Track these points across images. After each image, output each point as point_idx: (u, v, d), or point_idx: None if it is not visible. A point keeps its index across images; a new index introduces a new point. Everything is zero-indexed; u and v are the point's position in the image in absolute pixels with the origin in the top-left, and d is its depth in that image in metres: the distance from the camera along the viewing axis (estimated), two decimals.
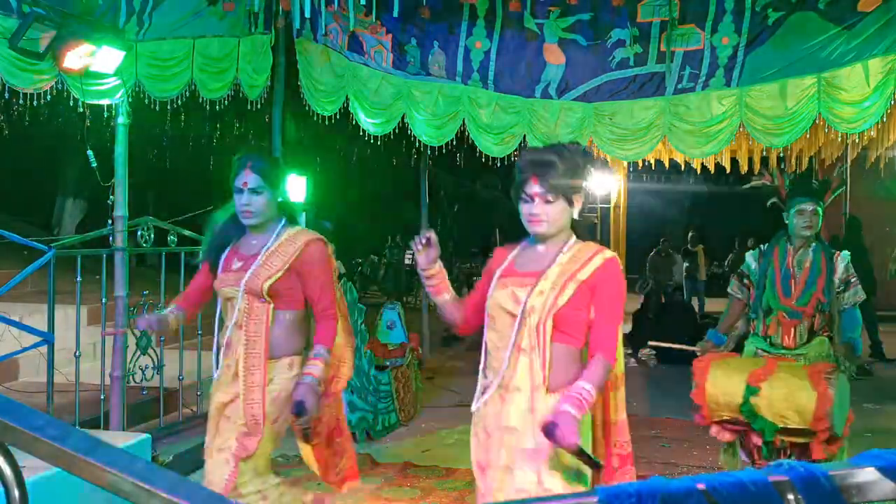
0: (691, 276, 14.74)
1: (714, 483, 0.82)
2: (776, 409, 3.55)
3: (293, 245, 3.06)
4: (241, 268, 3.07)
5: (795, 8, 5.58)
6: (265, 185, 3.04)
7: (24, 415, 0.95)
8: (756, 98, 5.72)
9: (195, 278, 3.37)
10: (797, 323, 3.95)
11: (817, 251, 4.02)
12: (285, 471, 5.20)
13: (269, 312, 3.02)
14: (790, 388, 3.55)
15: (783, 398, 3.55)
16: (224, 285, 3.11)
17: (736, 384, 3.64)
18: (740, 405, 3.62)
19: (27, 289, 7.40)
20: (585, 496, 0.85)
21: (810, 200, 3.99)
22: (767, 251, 4.11)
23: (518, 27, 6.13)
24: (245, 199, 3.04)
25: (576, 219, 2.58)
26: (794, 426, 3.56)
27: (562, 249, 2.52)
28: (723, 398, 3.68)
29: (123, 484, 0.89)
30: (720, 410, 3.71)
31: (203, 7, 5.45)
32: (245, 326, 3.02)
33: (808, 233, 4.00)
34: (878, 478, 0.82)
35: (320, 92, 6.40)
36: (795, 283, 3.98)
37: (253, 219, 3.05)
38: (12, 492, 0.97)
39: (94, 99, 4.77)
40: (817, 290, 3.94)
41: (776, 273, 4.01)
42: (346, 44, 6.36)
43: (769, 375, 3.59)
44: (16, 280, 4.47)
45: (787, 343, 3.96)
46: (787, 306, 3.96)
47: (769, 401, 3.56)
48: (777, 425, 3.58)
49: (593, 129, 6.08)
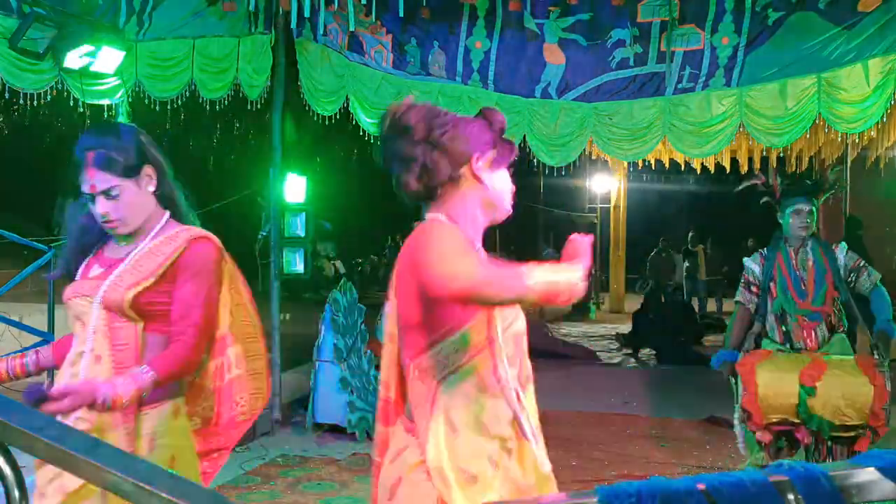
0: (691, 276, 14.74)
1: (714, 483, 0.82)
2: (833, 406, 3.52)
3: (172, 244, 2.20)
4: (100, 274, 2.22)
5: (795, 8, 5.58)
6: (121, 178, 2.17)
7: (24, 415, 0.95)
8: (756, 98, 5.72)
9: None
10: (817, 324, 3.89)
11: (815, 248, 3.99)
12: (284, 471, 5.21)
13: (137, 336, 2.15)
14: (846, 385, 3.52)
15: (840, 395, 3.52)
16: (74, 295, 2.22)
17: (789, 385, 3.59)
18: (796, 406, 3.58)
19: (27, 289, 7.41)
20: (585, 496, 0.85)
21: (805, 200, 3.96)
22: (769, 255, 4.05)
23: (518, 27, 6.13)
24: (100, 207, 2.19)
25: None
26: (852, 423, 3.54)
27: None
28: (777, 401, 3.62)
29: (123, 484, 0.89)
30: (772, 413, 3.65)
31: (203, 7, 5.46)
32: (105, 356, 2.14)
33: (804, 233, 3.97)
34: (878, 478, 0.82)
35: (320, 92, 6.40)
36: (806, 285, 3.92)
37: (122, 228, 2.19)
38: (12, 492, 0.97)
39: (94, 99, 4.78)
40: (829, 287, 3.89)
41: (786, 278, 3.95)
42: (346, 44, 6.36)
43: (822, 373, 3.55)
44: (16, 280, 4.48)
45: (810, 345, 3.88)
46: (805, 309, 3.89)
47: (825, 399, 3.52)
48: (835, 423, 3.55)
49: (593, 129, 6.08)
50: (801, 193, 4.00)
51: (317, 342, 6.22)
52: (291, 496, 4.70)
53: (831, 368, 3.60)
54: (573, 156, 6.18)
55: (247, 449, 5.71)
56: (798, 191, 4.02)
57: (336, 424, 6.04)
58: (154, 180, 2.24)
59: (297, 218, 6.46)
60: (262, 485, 4.91)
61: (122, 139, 2.23)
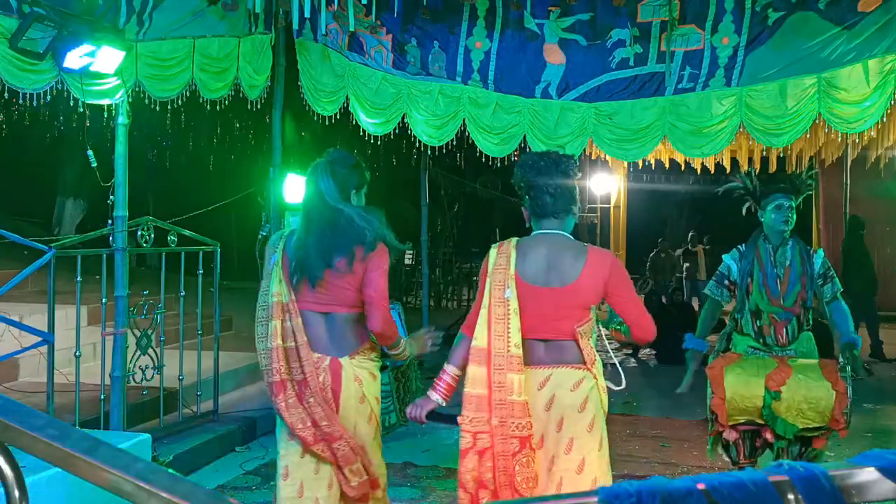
0: (691, 276, 14.73)
1: (714, 483, 0.82)
2: (796, 410, 3.66)
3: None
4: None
5: (795, 8, 5.58)
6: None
7: (24, 415, 0.95)
8: (756, 98, 5.71)
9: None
10: (787, 322, 4.01)
11: (795, 249, 4.06)
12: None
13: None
14: (809, 390, 3.67)
15: (803, 399, 3.66)
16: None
17: (754, 389, 3.73)
18: (761, 409, 3.72)
19: (27, 289, 7.41)
20: (585, 496, 0.85)
21: (785, 197, 4.02)
22: (747, 252, 4.12)
23: (518, 27, 6.13)
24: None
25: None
26: (814, 425, 3.69)
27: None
28: (743, 404, 3.77)
29: (123, 484, 0.89)
30: (738, 416, 3.81)
31: (203, 7, 5.45)
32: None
33: (785, 228, 4.01)
34: (878, 478, 0.82)
35: (320, 92, 6.40)
36: (781, 284, 4.00)
37: None
38: (12, 492, 0.97)
39: (94, 99, 4.77)
40: (801, 289, 3.99)
41: (762, 275, 4.03)
42: (346, 44, 6.36)
43: (787, 378, 3.69)
44: (16, 280, 4.47)
45: (780, 342, 4.01)
46: (777, 307, 3.99)
47: (789, 403, 3.67)
48: (798, 426, 3.69)
49: (593, 129, 6.08)
50: (782, 190, 4.06)
51: None
52: None
53: (796, 373, 3.73)
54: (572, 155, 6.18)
55: (247, 449, 5.71)
56: (779, 187, 4.08)
57: None
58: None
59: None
60: (262, 485, 4.91)
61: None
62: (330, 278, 2.97)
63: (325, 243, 2.97)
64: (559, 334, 2.78)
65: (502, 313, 2.77)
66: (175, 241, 5.67)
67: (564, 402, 2.73)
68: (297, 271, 2.99)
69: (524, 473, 2.70)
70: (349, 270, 2.96)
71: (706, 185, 17.87)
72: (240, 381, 7.15)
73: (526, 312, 2.77)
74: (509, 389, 2.71)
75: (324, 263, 2.96)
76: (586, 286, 2.77)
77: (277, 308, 2.98)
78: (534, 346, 2.79)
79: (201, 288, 5.92)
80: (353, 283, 2.97)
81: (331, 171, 3.06)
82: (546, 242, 2.86)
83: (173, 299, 6.00)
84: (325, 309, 3.01)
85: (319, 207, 3.03)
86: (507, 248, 2.88)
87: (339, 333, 3.02)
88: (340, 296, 2.99)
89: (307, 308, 3.01)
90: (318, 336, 3.00)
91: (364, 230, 2.96)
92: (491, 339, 2.77)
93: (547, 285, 2.79)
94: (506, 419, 2.69)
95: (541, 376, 2.77)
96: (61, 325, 5.65)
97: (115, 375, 5.03)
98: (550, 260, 2.82)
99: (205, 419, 5.90)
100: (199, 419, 5.87)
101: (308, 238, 3.01)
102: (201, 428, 5.75)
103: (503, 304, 2.78)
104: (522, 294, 2.78)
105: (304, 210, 3.12)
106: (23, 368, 6.33)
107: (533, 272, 2.81)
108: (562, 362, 2.78)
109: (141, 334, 5.37)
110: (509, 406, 2.70)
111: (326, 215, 3.01)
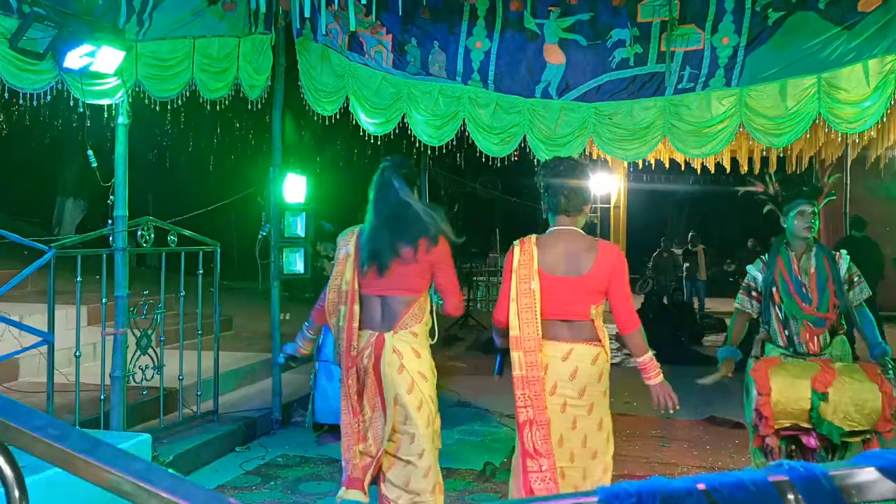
0: (691, 276, 14.74)
1: (714, 483, 0.82)
2: (843, 412, 3.59)
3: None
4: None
5: (795, 8, 5.57)
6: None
7: (24, 415, 0.95)
8: (756, 98, 5.71)
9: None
10: (822, 330, 3.94)
11: (819, 255, 4.01)
12: (284, 471, 5.20)
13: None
14: (856, 392, 3.60)
15: (850, 402, 3.59)
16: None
17: (801, 391, 3.64)
18: (808, 411, 3.64)
19: (27, 289, 7.41)
20: (585, 496, 0.85)
21: (808, 202, 4.00)
22: (770, 261, 4.08)
23: (518, 27, 6.13)
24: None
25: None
26: (860, 428, 3.61)
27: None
28: (789, 406, 3.67)
29: (123, 484, 0.89)
30: (784, 419, 3.71)
31: (203, 7, 5.45)
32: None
33: (808, 234, 3.98)
34: (878, 478, 0.82)
35: (320, 92, 6.40)
36: (808, 290, 3.95)
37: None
38: (12, 492, 0.97)
39: (94, 99, 4.77)
40: (831, 294, 3.93)
41: (788, 283, 3.97)
42: (346, 44, 6.36)
43: (832, 380, 3.62)
44: (16, 280, 4.47)
45: (812, 349, 3.93)
46: (810, 315, 3.92)
47: (836, 405, 3.59)
48: (844, 428, 3.61)
49: (593, 129, 6.07)
50: (805, 195, 4.03)
51: (317, 342, 6.21)
52: (291, 496, 4.70)
53: (841, 375, 3.65)
54: (573, 156, 6.18)
55: (247, 449, 5.71)
56: (801, 193, 4.06)
57: (336, 424, 6.03)
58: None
59: (297, 218, 6.45)
60: (262, 485, 4.91)
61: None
62: (395, 266, 3.41)
63: (395, 234, 3.40)
64: (578, 316, 3.30)
65: (529, 303, 3.28)
66: (175, 241, 5.67)
67: (586, 373, 3.29)
68: (367, 260, 3.43)
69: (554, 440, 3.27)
70: (414, 260, 3.40)
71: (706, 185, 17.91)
72: (240, 381, 7.16)
73: (549, 299, 3.28)
74: (538, 367, 3.25)
75: (392, 252, 3.39)
76: (597, 275, 3.29)
77: (348, 295, 3.46)
78: (557, 325, 3.31)
79: (201, 288, 5.92)
80: (416, 272, 3.42)
81: (399, 171, 3.50)
82: (562, 238, 3.37)
83: (173, 299, 6.00)
84: (384, 293, 3.45)
85: (390, 202, 3.46)
86: (529, 245, 3.36)
87: (390, 314, 3.44)
88: (401, 282, 3.42)
89: (368, 293, 3.46)
90: (371, 316, 3.46)
91: (429, 224, 3.42)
92: (521, 326, 3.27)
93: (566, 275, 3.30)
94: (539, 393, 3.23)
95: (564, 349, 3.29)
96: (61, 325, 5.65)
97: (115, 375, 5.03)
98: (567, 254, 3.32)
99: (205, 419, 5.90)
100: (199, 419, 5.87)
101: (379, 230, 3.44)
102: (201, 428, 5.75)
103: (529, 294, 3.28)
104: (545, 284, 3.28)
105: (374, 206, 3.51)
106: (23, 368, 6.33)
107: (553, 265, 3.31)
108: (581, 339, 3.30)
109: (141, 334, 5.37)
110: (540, 383, 3.24)
111: (396, 209, 3.44)
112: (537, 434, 3.23)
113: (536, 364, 3.24)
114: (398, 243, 3.40)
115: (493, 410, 6.85)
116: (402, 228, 3.41)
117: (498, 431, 6.24)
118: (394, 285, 3.42)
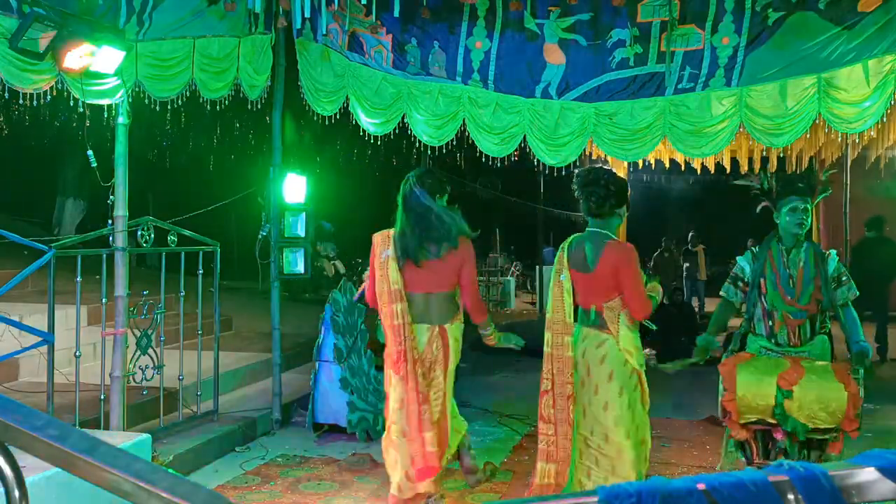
0: (691, 276, 14.74)
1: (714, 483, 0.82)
2: (808, 410, 3.69)
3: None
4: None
5: (795, 8, 5.57)
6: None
7: (24, 415, 0.95)
8: (756, 98, 5.71)
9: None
10: (801, 322, 4.03)
11: (809, 251, 4.09)
12: (284, 471, 5.20)
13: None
14: (821, 390, 3.69)
15: (815, 400, 3.68)
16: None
17: (766, 388, 3.76)
18: (773, 408, 3.74)
19: (27, 289, 7.41)
20: (586, 496, 0.85)
21: (800, 199, 4.05)
22: (760, 253, 4.17)
23: (518, 27, 6.13)
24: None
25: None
26: (825, 426, 3.70)
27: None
28: (755, 402, 3.79)
29: (123, 484, 0.89)
30: (750, 413, 3.82)
31: (203, 7, 5.45)
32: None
33: (799, 230, 4.05)
34: (878, 478, 0.82)
35: (320, 92, 6.40)
36: (794, 284, 4.03)
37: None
38: (12, 492, 0.97)
39: (94, 99, 4.77)
40: (815, 290, 4.02)
41: (775, 275, 4.07)
42: (346, 44, 6.36)
43: (799, 378, 3.71)
44: (16, 280, 4.47)
45: (792, 342, 4.03)
46: (791, 306, 4.02)
47: (801, 403, 3.69)
48: (808, 426, 3.70)
49: (593, 129, 6.07)
50: (798, 192, 4.08)
51: (317, 342, 6.22)
52: (291, 496, 4.70)
53: (808, 374, 3.75)
54: (573, 156, 6.18)
55: (247, 449, 5.71)
56: (795, 189, 4.11)
57: (336, 424, 6.04)
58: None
59: (297, 218, 6.45)
60: (262, 485, 4.91)
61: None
62: (426, 264, 3.92)
63: (421, 235, 3.90)
64: (593, 306, 3.82)
65: (559, 292, 3.89)
66: (175, 241, 5.67)
67: (590, 355, 3.80)
68: (402, 258, 3.92)
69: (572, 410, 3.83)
70: (438, 257, 3.91)
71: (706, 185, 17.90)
72: (240, 381, 7.15)
73: (576, 290, 3.87)
74: (566, 347, 3.84)
75: (421, 251, 3.90)
76: (602, 273, 3.76)
77: (395, 294, 3.92)
78: (581, 312, 3.90)
79: (201, 288, 5.92)
80: (444, 269, 3.92)
81: (420, 181, 3.97)
82: (587, 238, 3.87)
83: (173, 299, 6.00)
84: (424, 290, 3.94)
85: (415, 207, 3.93)
86: (564, 245, 3.97)
87: (439, 307, 3.96)
88: (434, 279, 3.92)
89: (411, 290, 3.94)
90: (420, 312, 3.94)
91: (449, 225, 3.92)
92: (553, 310, 3.90)
93: (583, 271, 3.84)
94: (563, 369, 3.82)
95: (582, 334, 3.86)
96: (61, 325, 5.65)
97: (115, 375, 5.03)
98: (585, 252, 3.84)
99: (205, 419, 5.90)
100: (199, 419, 5.87)
101: (408, 231, 3.93)
102: (201, 428, 5.75)
103: (560, 285, 3.89)
104: (573, 277, 3.87)
105: (403, 210, 3.97)
106: (23, 368, 6.33)
107: (575, 261, 3.88)
108: (593, 326, 3.82)
109: (141, 334, 5.37)
110: (566, 360, 3.82)
111: (420, 212, 3.92)
112: (551, 403, 3.84)
113: (561, 345, 3.83)
114: (425, 243, 3.90)
115: (493, 410, 6.85)
116: (426, 229, 3.90)
117: (498, 431, 6.24)
118: (430, 283, 3.93)
